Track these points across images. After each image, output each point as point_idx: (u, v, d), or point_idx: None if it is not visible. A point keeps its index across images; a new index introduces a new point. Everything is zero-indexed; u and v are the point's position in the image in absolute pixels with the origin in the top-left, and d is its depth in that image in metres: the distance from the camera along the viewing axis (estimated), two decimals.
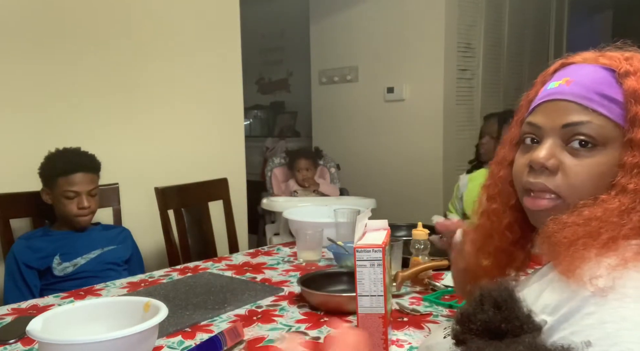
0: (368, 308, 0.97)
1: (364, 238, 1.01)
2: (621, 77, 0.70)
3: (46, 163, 1.80)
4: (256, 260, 1.82)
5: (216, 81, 2.63)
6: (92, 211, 1.81)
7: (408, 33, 3.65)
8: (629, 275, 0.60)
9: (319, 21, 4.24)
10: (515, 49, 3.96)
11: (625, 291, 0.58)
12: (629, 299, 0.57)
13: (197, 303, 1.36)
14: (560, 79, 0.74)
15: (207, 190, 2.31)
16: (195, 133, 2.55)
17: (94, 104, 2.21)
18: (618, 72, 0.71)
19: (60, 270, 1.74)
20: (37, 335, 0.94)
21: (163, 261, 2.18)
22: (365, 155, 3.95)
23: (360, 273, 0.97)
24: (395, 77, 3.74)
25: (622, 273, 0.60)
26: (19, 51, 2.01)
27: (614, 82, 0.71)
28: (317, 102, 4.35)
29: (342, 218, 1.87)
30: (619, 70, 0.71)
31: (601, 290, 0.59)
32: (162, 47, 2.41)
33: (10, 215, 1.88)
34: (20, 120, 2.03)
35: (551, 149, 0.72)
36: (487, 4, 3.69)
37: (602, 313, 0.57)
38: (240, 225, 2.52)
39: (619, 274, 0.60)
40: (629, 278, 0.59)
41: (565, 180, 0.71)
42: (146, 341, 1.00)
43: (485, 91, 3.77)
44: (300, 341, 0.74)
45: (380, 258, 0.95)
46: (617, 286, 0.59)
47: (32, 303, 1.42)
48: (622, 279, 0.59)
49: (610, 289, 0.58)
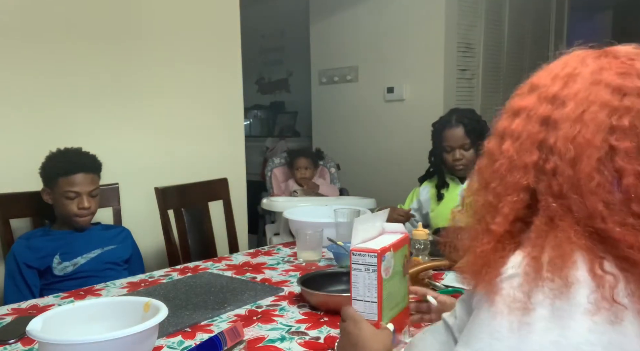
0: (362, 313, 0.94)
1: (374, 241, 0.98)
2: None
3: (47, 163, 1.80)
4: (256, 260, 1.82)
5: (216, 81, 2.63)
6: (92, 212, 1.81)
7: (408, 33, 3.65)
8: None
9: (319, 21, 4.24)
10: (515, 49, 3.96)
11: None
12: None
13: (197, 303, 1.36)
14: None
15: (207, 190, 2.31)
16: (195, 133, 2.55)
17: (94, 104, 2.21)
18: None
19: (60, 270, 1.73)
20: (37, 335, 0.94)
21: (163, 261, 2.18)
22: (365, 155, 3.95)
23: (355, 277, 0.95)
24: (395, 77, 3.74)
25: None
26: (19, 51, 2.01)
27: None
28: (317, 102, 4.35)
29: (342, 218, 1.87)
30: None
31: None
32: (162, 47, 2.41)
33: (10, 215, 1.88)
34: (21, 120, 2.03)
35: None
36: (487, 4, 3.69)
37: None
38: (240, 225, 2.52)
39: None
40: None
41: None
42: (146, 341, 1.00)
43: (485, 91, 3.77)
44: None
45: (375, 264, 0.92)
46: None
47: (32, 303, 1.42)
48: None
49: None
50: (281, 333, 1.17)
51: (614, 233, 0.63)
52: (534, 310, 0.63)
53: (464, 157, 2.08)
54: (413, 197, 2.31)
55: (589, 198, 0.64)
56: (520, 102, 0.73)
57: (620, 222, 0.63)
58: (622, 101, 0.65)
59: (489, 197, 0.72)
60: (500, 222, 0.70)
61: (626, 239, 0.62)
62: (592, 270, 0.62)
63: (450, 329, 0.81)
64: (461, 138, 2.07)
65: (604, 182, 0.64)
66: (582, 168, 0.65)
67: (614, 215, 0.63)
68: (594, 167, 0.64)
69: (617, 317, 0.61)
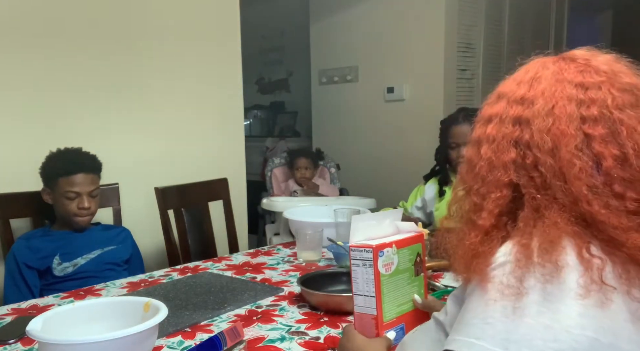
0: (362, 307, 0.98)
1: (381, 239, 0.99)
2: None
3: (47, 163, 1.80)
4: (256, 260, 1.82)
5: (216, 81, 2.63)
6: (92, 212, 1.81)
7: (408, 33, 3.64)
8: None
9: (319, 21, 4.24)
10: (515, 49, 3.96)
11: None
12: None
13: (197, 303, 1.36)
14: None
15: (207, 190, 2.31)
16: (195, 133, 2.55)
17: (94, 104, 2.21)
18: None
19: (60, 270, 1.73)
20: (37, 335, 0.94)
21: (163, 261, 2.18)
22: (365, 155, 3.95)
23: (355, 272, 0.97)
24: (395, 77, 3.74)
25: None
26: (20, 51, 2.01)
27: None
28: (317, 102, 4.35)
29: (342, 218, 1.87)
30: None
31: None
32: (162, 47, 2.41)
33: (10, 215, 1.88)
34: (21, 120, 2.03)
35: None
36: (487, 4, 3.69)
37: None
38: (240, 225, 2.52)
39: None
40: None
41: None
42: (146, 341, 1.00)
43: (485, 91, 3.74)
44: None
45: (371, 259, 0.94)
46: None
47: (32, 303, 1.42)
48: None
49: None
50: (281, 333, 1.17)
51: (600, 216, 0.66)
52: (526, 294, 0.64)
53: None
54: (417, 194, 2.30)
55: (574, 183, 0.67)
56: (490, 109, 0.78)
57: (604, 205, 0.66)
58: (587, 94, 0.70)
59: (473, 199, 0.76)
60: (485, 217, 0.73)
61: (611, 221, 0.65)
62: (580, 254, 0.65)
63: (441, 325, 0.82)
64: (466, 135, 2.07)
65: (585, 166, 0.67)
66: (562, 156, 0.68)
67: (597, 197, 0.66)
68: (573, 154, 0.67)
69: (606, 299, 0.63)
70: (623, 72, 0.72)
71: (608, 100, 0.69)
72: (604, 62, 0.73)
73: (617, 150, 0.67)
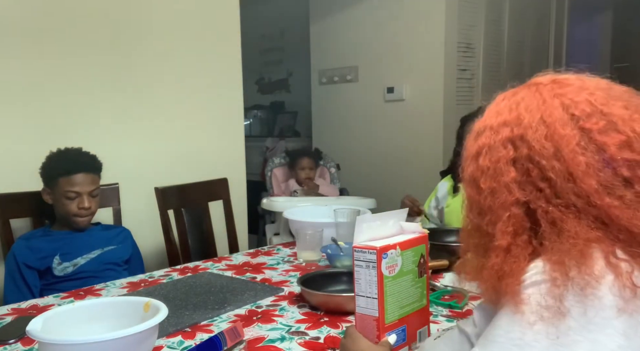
0: (364, 308, 0.97)
1: (385, 239, 0.99)
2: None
3: (47, 162, 1.80)
4: (256, 260, 1.82)
5: (216, 81, 2.63)
6: (92, 212, 1.81)
7: (408, 33, 3.64)
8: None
9: (319, 21, 4.24)
10: (515, 49, 3.96)
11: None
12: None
13: (197, 303, 1.36)
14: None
15: (207, 190, 2.31)
16: (195, 133, 2.55)
17: (94, 104, 2.21)
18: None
19: (60, 270, 1.73)
20: (37, 335, 0.94)
21: (163, 261, 2.18)
22: (365, 155, 3.95)
23: (358, 273, 0.97)
24: (395, 77, 3.74)
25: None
26: (20, 51, 2.01)
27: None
28: (317, 102, 4.35)
29: (342, 218, 1.87)
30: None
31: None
32: (162, 47, 2.41)
33: (10, 215, 1.88)
34: (21, 120, 2.03)
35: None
36: (487, 4, 3.69)
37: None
38: (240, 225, 2.51)
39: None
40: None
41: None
42: (146, 341, 1.00)
43: (485, 91, 3.77)
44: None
45: (375, 261, 0.94)
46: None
47: (32, 303, 1.42)
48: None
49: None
50: (281, 333, 1.17)
51: (614, 209, 0.66)
52: (568, 313, 0.63)
53: None
54: (432, 195, 2.31)
55: (583, 180, 0.67)
56: (475, 144, 0.78)
57: (617, 197, 0.66)
58: (568, 98, 0.72)
59: (486, 230, 0.75)
60: (500, 237, 0.72)
61: (625, 214, 0.66)
62: (607, 260, 0.65)
63: (467, 337, 0.81)
64: None
65: (592, 161, 0.68)
66: (566, 156, 0.68)
67: (609, 191, 0.67)
68: (576, 151, 0.68)
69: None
70: (589, 79, 0.75)
71: (592, 99, 0.70)
72: (569, 76, 0.76)
73: (619, 136, 0.68)
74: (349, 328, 0.98)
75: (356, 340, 0.94)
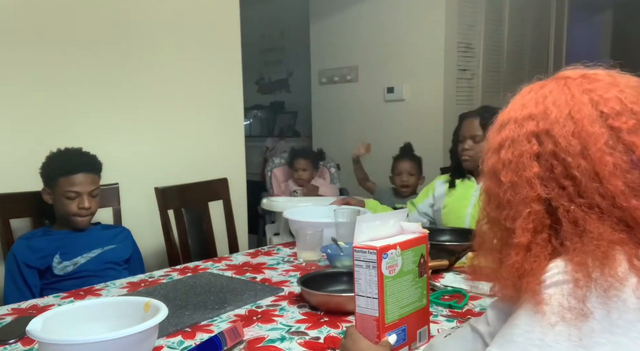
0: (364, 308, 0.97)
1: (385, 239, 0.99)
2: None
3: (48, 162, 1.80)
4: (256, 260, 1.82)
5: (216, 81, 2.63)
6: (92, 212, 1.81)
7: (408, 33, 3.64)
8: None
9: (319, 21, 4.23)
10: (515, 49, 3.96)
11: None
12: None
13: (197, 303, 1.36)
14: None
15: (207, 190, 2.31)
16: (195, 133, 2.55)
17: (94, 104, 2.21)
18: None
19: (60, 269, 1.73)
20: (37, 335, 0.94)
21: (163, 261, 2.18)
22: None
23: (358, 273, 0.97)
24: (395, 77, 3.74)
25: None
26: (20, 51, 2.01)
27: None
28: (317, 102, 4.35)
29: (342, 218, 1.87)
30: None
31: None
32: (163, 47, 2.41)
33: (10, 215, 1.88)
34: (20, 120, 2.03)
35: None
36: (487, 4, 3.69)
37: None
38: (240, 225, 2.51)
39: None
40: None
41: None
42: (146, 341, 1.00)
43: (485, 91, 3.77)
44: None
45: (375, 261, 0.94)
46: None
47: (32, 303, 1.42)
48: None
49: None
50: (281, 333, 1.17)
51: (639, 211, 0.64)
52: (591, 315, 0.62)
53: (472, 148, 2.07)
54: (428, 191, 2.29)
55: (610, 181, 0.65)
56: (498, 136, 0.76)
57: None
58: (598, 94, 0.69)
59: (505, 225, 0.73)
60: (520, 234, 0.70)
61: None
62: (631, 263, 0.63)
63: (480, 336, 0.80)
64: (473, 128, 2.08)
65: (619, 161, 0.66)
66: (593, 155, 0.66)
67: (636, 192, 0.65)
68: (604, 151, 0.66)
69: None
70: (619, 75, 0.72)
71: (622, 97, 0.68)
72: (599, 72, 0.73)
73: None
74: (349, 328, 0.98)
75: (356, 340, 0.94)
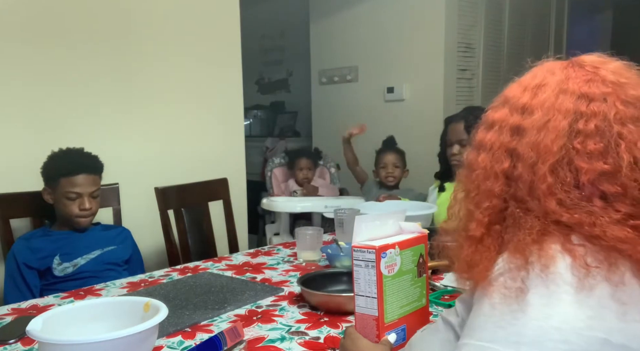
0: (363, 308, 0.97)
1: (384, 239, 0.99)
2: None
3: (49, 162, 1.80)
4: (256, 260, 1.82)
5: (216, 81, 2.63)
6: (93, 213, 1.81)
7: (408, 33, 3.64)
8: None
9: (319, 21, 4.24)
10: (515, 49, 3.96)
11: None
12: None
13: (197, 303, 1.36)
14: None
15: (207, 190, 2.31)
16: (195, 133, 2.55)
17: (94, 104, 2.21)
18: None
19: (60, 271, 1.73)
20: (37, 335, 0.94)
21: (163, 261, 2.18)
22: (365, 155, 3.95)
23: (357, 273, 0.97)
24: (395, 77, 3.74)
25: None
26: (20, 51, 2.01)
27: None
28: (317, 102, 4.35)
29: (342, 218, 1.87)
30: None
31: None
32: (163, 47, 2.41)
33: (10, 215, 1.88)
34: (21, 120, 2.03)
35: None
36: (487, 4, 3.69)
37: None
38: (240, 225, 2.52)
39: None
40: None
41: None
42: (146, 341, 1.00)
43: (485, 91, 3.77)
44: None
45: (374, 260, 0.94)
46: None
47: (32, 303, 1.42)
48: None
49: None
50: (281, 333, 1.17)
51: (573, 220, 0.68)
52: (529, 291, 0.66)
53: (460, 153, 2.07)
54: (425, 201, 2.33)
55: (543, 199, 0.69)
56: (494, 114, 0.78)
57: (578, 212, 0.68)
58: (589, 106, 0.70)
59: (469, 206, 0.77)
60: (475, 228, 0.75)
61: (584, 221, 0.67)
62: (564, 245, 0.67)
63: (451, 326, 0.82)
64: (459, 133, 2.09)
65: (556, 183, 0.69)
66: (538, 171, 0.70)
67: (570, 210, 0.68)
68: (548, 170, 0.69)
69: (593, 288, 0.64)
70: (631, 83, 0.71)
71: (611, 114, 0.69)
72: (612, 71, 0.72)
73: (606, 164, 0.67)
74: (349, 328, 0.98)
75: (356, 340, 0.94)
